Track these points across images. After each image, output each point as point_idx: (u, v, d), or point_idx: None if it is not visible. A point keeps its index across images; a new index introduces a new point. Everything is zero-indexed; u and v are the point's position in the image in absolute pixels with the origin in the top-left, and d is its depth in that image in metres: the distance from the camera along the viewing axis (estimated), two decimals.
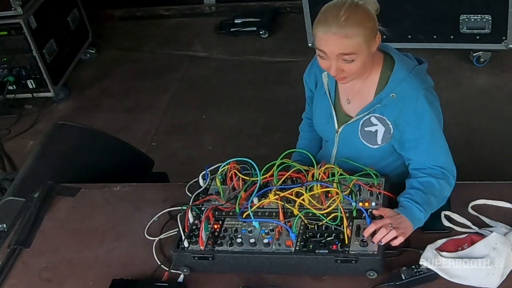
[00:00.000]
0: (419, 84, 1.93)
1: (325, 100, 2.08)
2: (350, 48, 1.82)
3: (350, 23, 1.80)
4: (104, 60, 4.79)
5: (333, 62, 1.86)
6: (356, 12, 1.82)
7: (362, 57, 1.86)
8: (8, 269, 2.01)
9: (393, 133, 1.97)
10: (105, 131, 2.77)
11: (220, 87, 4.27)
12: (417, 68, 1.97)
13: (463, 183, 2.05)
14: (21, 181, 2.34)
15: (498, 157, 3.28)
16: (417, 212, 1.83)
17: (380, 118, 1.97)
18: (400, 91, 1.92)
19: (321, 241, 1.78)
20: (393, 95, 1.93)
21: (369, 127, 2.00)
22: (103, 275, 1.92)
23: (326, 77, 2.05)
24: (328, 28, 1.81)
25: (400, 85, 1.92)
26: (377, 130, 1.99)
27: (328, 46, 1.84)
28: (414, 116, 1.92)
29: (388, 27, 4.09)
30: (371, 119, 1.98)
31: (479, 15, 3.72)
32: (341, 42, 1.81)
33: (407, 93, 1.92)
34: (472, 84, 3.87)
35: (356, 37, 1.81)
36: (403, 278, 1.72)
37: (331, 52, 1.84)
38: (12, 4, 3.96)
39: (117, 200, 2.23)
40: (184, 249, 1.84)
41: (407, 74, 1.93)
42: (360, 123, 2.00)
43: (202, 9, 5.11)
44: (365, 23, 1.83)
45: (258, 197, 1.92)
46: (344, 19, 1.80)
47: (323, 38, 1.84)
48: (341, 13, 1.80)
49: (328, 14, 1.83)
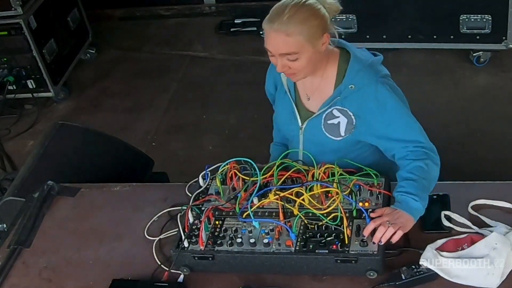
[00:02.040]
0: (375, 74, 1.97)
1: (286, 99, 2.11)
2: (292, 47, 1.85)
3: (293, 21, 1.83)
4: (104, 60, 4.79)
5: (278, 59, 1.90)
6: (301, 10, 1.84)
7: (306, 56, 1.88)
8: (8, 269, 2.01)
9: (356, 124, 2.00)
10: (105, 131, 2.77)
11: (220, 87, 4.27)
12: (373, 59, 2.00)
13: (463, 183, 2.06)
14: (21, 181, 2.34)
15: (498, 157, 3.28)
16: (413, 202, 1.83)
17: (341, 110, 2.00)
18: (358, 81, 1.96)
19: (321, 241, 1.78)
20: (351, 86, 1.96)
21: (331, 119, 2.03)
22: (103, 275, 1.92)
23: (284, 77, 2.08)
24: (271, 24, 1.85)
25: (357, 76, 1.96)
26: (340, 122, 2.02)
27: (271, 44, 1.88)
28: (376, 104, 1.95)
29: (388, 27, 4.10)
30: (333, 111, 2.01)
31: (479, 15, 3.72)
32: (282, 40, 1.85)
33: (365, 83, 1.95)
34: (472, 84, 3.87)
35: (297, 35, 1.84)
36: (403, 278, 1.72)
37: (275, 50, 1.88)
38: (12, 4, 3.96)
39: (117, 200, 2.23)
40: (184, 249, 1.84)
41: (363, 65, 1.97)
42: (323, 117, 2.03)
43: (202, 9, 5.11)
44: (309, 22, 1.85)
45: (258, 197, 1.92)
46: (287, 17, 1.83)
47: (266, 34, 1.88)
48: (285, 11, 1.84)
49: (274, 11, 1.87)
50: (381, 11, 3.89)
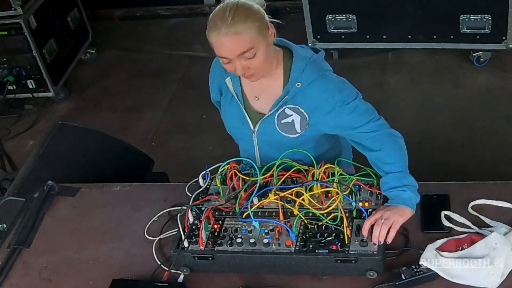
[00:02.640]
0: (319, 69, 2.00)
1: (234, 103, 2.11)
2: (246, 43, 1.86)
3: (238, 20, 1.84)
4: (104, 60, 4.79)
5: (237, 63, 1.89)
6: (240, 9, 1.86)
7: (262, 50, 1.89)
8: (8, 269, 2.01)
9: (310, 120, 2.01)
10: (105, 131, 2.77)
11: None
12: (315, 56, 2.02)
13: (463, 183, 2.06)
14: (21, 181, 2.34)
15: (498, 157, 3.28)
16: (403, 194, 1.86)
17: (293, 108, 2.02)
18: (304, 79, 1.98)
19: (321, 241, 1.78)
20: (298, 84, 1.98)
21: (285, 118, 2.04)
22: (103, 275, 1.92)
23: (230, 81, 2.09)
24: (218, 30, 1.85)
25: (302, 73, 1.98)
26: (294, 120, 2.03)
27: (225, 49, 1.88)
28: (323, 97, 1.98)
29: (388, 27, 4.10)
30: (285, 110, 2.03)
31: (479, 15, 3.72)
32: (235, 40, 1.85)
33: (310, 79, 1.98)
34: (472, 84, 3.87)
35: (247, 31, 1.85)
36: (403, 278, 1.72)
37: (231, 54, 1.88)
38: (12, 4, 3.96)
39: (117, 200, 2.23)
40: (184, 249, 1.85)
41: (306, 62, 1.99)
42: (276, 117, 2.04)
43: (202, 9, 5.11)
44: (252, 17, 1.87)
45: (258, 197, 1.92)
46: (231, 18, 1.84)
47: (217, 43, 1.88)
48: (226, 14, 1.85)
49: (216, 19, 1.87)
50: (381, 11, 3.89)
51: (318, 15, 3.96)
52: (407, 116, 3.61)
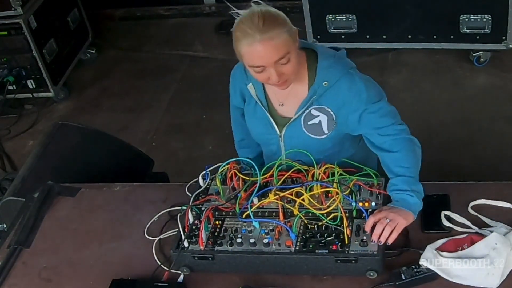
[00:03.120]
0: (345, 66, 1.99)
1: (258, 110, 2.09)
2: (282, 48, 1.82)
3: (269, 26, 1.80)
4: (104, 60, 4.79)
5: (271, 70, 1.85)
6: (268, 13, 1.83)
7: (294, 54, 1.87)
8: (8, 269, 2.01)
9: (337, 120, 2.00)
10: (105, 131, 2.77)
11: (220, 87, 4.24)
12: (338, 53, 2.01)
13: (463, 183, 2.06)
14: (21, 181, 2.34)
15: (498, 157, 3.28)
16: (410, 198, 1.85)
17: (319, 109, 2.00)
18: (331, 77, 1.96)
19: (321, 241, 1.78)
20: (325, 83, 1.97)
21: (312, 120, 2.02)
22: (103, 275, 1.92)
23: (252, 88, 2.07)
24: (252, 39, 1.81)
25: (328, 72, 1.96)
26: (320, 120, 2.02)
27: (261, 57, 1.83)
28: (350, 95, 1.96)
29: (388, 27, 4.10)
30: (311, 112, 2.01)
31: (479, 15, 3.72)
32: (271, 46, 1.81)
33: (337, 77, 1.96)
34: (472, 84, 3.87)
35: (280, 36, 1.81)
36: (403, 278, 1.72)
37: (267, 61, 1.83)
38: (12, 4, 3.96)
39: (117, 200, 2.23)
40: (184, 249, 1.85)
41: (332, 61, 1.97)
42: (302, 119, 2.03)
43: (202, 9, 5.11)
44: (280, 21, 1.84)
45: (258, 197, 1.92)
46: (262, 24, 1.80)
47: (251, 51, 1.83)
48: (256, 21, 1.80)
49: (244, 27, 1.83)
50: (381, 11, 3.89)
51: (318, 15, 3.96)
52: (407, 116, 3.57)
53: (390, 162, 1.95)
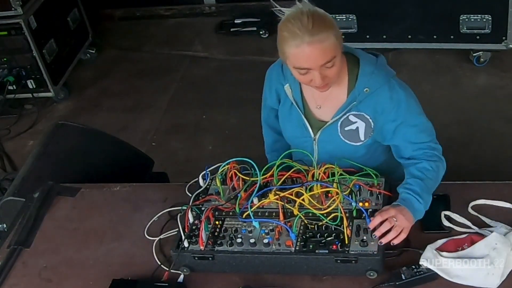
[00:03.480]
0: (387, 74, 1.96)
1: (294, 111, 2.06)
2: (330, 52, 1.79)
3: (319, 28, 1.77)
4: (104, 60, 4.79)
5: (315, 73, 1.82)
6: (317, 15, 1.79)
7: (339, 57, 1.85)
8: (8, 269, 2.01)
9: (374, 127, 1.98)
10: (105, 131, 2.77)
11: (220, 87, 4.27)
12: (379, 60, 1.99)
13: (463, 183, 2.06)
14: (21, 181, 2.34)
15: (498, 157, 3.28)
16: (416, 203, 1.83)
17: (358, 115, 1.98)
18: (372, 84, 1.93)
19: (321, 241, 1.78)
20: (366, 89, 1.94)
21: (349, 126, 2.00)
22: (103, 275, 1.92)
23: (289, 89, 2.03)
24: (300, 39, 1.76)
25: (370, 78, 1.93)
26: (358, 127, 1.99)
27: (309, 59, 1.79)
28: (390, 104, 1.94)
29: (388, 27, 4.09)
30: (349, 117, 1.99)
31: (479, 15, 3.72)
32: (320, 49, 1.77)
33: (379, 84, 1.94)
34: (472, 84, 3.87)
35: (329, 38, 1.78)
36: (403, 278, 1.72)
37: (314, 64, 1.80)
38: (12, 4, 3.96)
39: (117, 200, 2.23)
40: (184, 249, 1.85)
41: (374, 67, 1.94)
42: (339, 124, 2.00)
43: (202, 9, 5.11)
44: (329, 23, 1.81)
45: (258, 197, 1.92)
46: (312, 25, 1.76)
47: (299, 53, 1.78)
48: (305, 21, 1.76)
49: (293, 28, 1.77)
50: (381, 11, 3.89)
51: None
52: None
53: (413, 167, 1.92)
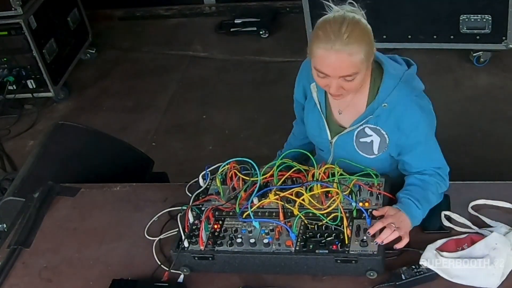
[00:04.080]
0: (410, 92, 1.91)
1: (316, 111, 2.05)
2: (354, 67, 1.77)
3: (353, 40, 1.74)
4: (104, 60, 4.79)
5: (333, 81, 1.81)
6: (357, 28, 1.77)
7: (361, 74, 1.82)
8: (8, 269, 2.01)
9: (389, 143, 1.96)
10: (105, 131, 2.77)
11: (220, 87, 4.27)
12: (407, 73, 1.94)
13: (463, 183, 2.06)
14: (21, 181, 2.34)
15: (498, 157, 3.28)
16: (415, 209, 1.83)
17: (374, 129, 1.96)
18: (392, 100, 1.90)
19: (321, 241, 1.78)
20: (384, 105, 1.90)
21: (364, 138, 1.99)
22: (103, 275, 1.93)
23: (315, 88, 2.02)
24: (331, 45, 1.74)
25: (391, 94, 1.90)
26: (373, 140, 1.98)
27: (330, 67, 1.77)
28: (408, 124, 1.91)
29: (388, 27, 4.09)
30: (365, 130, 1.97)
31: (479, 15, 3.72)
32: (345, 60, 1.75)
33: (399, 102, 1.89)
34: (472, 84, 3.87)
35: (358, 54, 1.76)
36: (403, 278, 1.72)
37: (334, 73, 1.78)
38: (12, 4, 3.96)
39: (117, 200, 2.23)
40: (184, 249, 1.85)
41: (397, 83, 1.90)
42: (355, 134, 1.99)
43: (202, 9, 5.11)
44: (365, 39, 1.79)
45: (258, 197, 1.92)
46: (347, 36, 1.74)
47: (323, 57, 1.77)
48: (343, 29, 1.74)
49: (329, 30, 1.76)
50: (381, 11, 3.89)
51: (318, 15, 3.95)
52: None
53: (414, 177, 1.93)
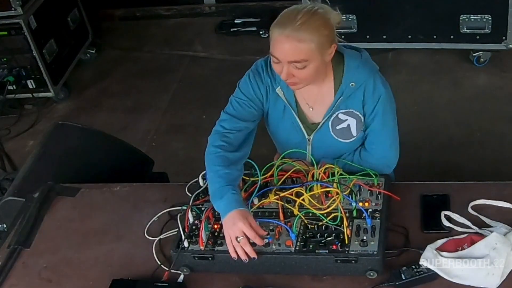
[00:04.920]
0: (372, 68, 1.98)
1: (287, 113, 2.06)
2: (302, 54, 1.82)
3: (305, 28, 1.80)
4: (104, 60, 4.79)
5: (285, 66, 1.86)
6: (313, 18, 1.82)
7: (314, 65, 1.86)
8: (8, 269, 2.01)
9: (364, 120, 2.01)
10: (105, 131, 2.77)
11: (220, 87, 4.26)
12: (364, 55, 2.00)
13: (463, 183, 2.06)
14: (21, 181, 2.34)
15: (498, 157, 3.28)
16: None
17: (347, 112, 2.00)
18: (358, 78, 1.96)
19: (321, 241, 1.78)
20: (352, 84, 1.95)
21: (340, 124, 2.02)
22: (103, 275, 1.93)
23: (281, 91, 2.03)
24: (283, 30, 1.82)
25: (356, 72, 1.95)
26: (349, 124, 2.01)
27: (280, 51, 1.84)
28: (372, 98, 1.97)
29: (388, 27, 4.11)
30: (339, 116, 2.01)
31: (479, 15, 3.72)
32: (293, 46, 1.81)
33: (364, 78, 1.96)
34: (472, 84, 3.87)
35: (309, 42, 1.81)
36: (403, 278, 1.72)
37: (283, 57, 1.84)
38: (12, 4, 3.95)
39: (117, 200, 2.23)
40: (184, 249, 1.85)
41: (359, 62, 1.96)
42: (330, 124, 2.02)
43: (202, 9, 5.11)
44: (320, 30, 1.83)
45: (258, 197, 1.92)
46: (300, 23, 1.80)
47: (275, 40, 1.84)
48: (298, 17, 1.81)
49: (285, 16, 1.84)
50: (381, 11, 3.89)
51: None
52: (407, 116, 3.60)
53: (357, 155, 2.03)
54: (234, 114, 2.05)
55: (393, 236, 1.86)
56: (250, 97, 2.05)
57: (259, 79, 2.04)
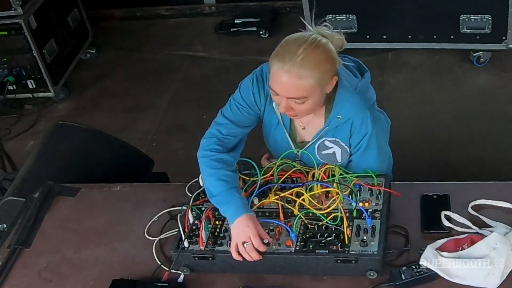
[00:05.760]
0: (364, 103, 1.94)
1: (280, 129, 2.06)
2: (302, 91, 1.80)
3: (306, 63, 1.77)
4: (104, 60, 4.79)
5: (283, 100, 1.84)
6: (315, 52, 1.78)
7: (313, 99, 1.84)
8: (8, 269, 2.01)
9: (350, 151, 2.00)
10: (105, 131, 2.77)
11: (220, 87, 4.26)
12: (360, 85, 1.96)
13: (463, 183, 2.06)
14: (21, 181, 2.34)
15: (498, 157, 3.28)
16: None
17: (333, 141, 1.99)
18: (346, 113, 1.92)
19: (321, 241, 1.78)
20: (339, 117, 1.93)
21: (325, 150, 2.02)
22: (103, 275, 1.93)
23: (276, 106, 2.01)
24: (283, 64, 1.77)
25: (344, 106, 1.92)
26: (334, 151, 2.01)
27: (279, 86, 1.81)
28: (358, 134, 1.95)
29: (388, 27, 4.11)
30: (325, 142, 2.00)
31: (479, 15, 3.72)
32: (293, 83, 1.78)
33: (352, 113, 1.93)
34: (472, 84, 3.87)
35: (309, 78, 1.78)
36: (403, 278, 1.72)
37: (282, 93, 1.82)
38: (12, 4, 3.95)
39: (117, 200, 2.24)
40: (184, 249, 1.85)
41: (350, 95, 1.92)
42: (316, 148, 2.02)
43: (202, 9, 5.11)
44: (322, 65, 1.80)
45: (258, 197, 1.92)
46: (301, 58, 1.76)
47: (275, 74, 1.80)
48: (299, 51, 1.77)
49: (286, 50, 1.79)
50: (381, 11, 3.89)
51: (318, 15, 3.96)
52: (407, 116, 3.61)
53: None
54: (232, 119, 2.03)
55: (393, 236, 1.86)
56: (250, 103, 2.03)
57: (262, 86, 2.02)
